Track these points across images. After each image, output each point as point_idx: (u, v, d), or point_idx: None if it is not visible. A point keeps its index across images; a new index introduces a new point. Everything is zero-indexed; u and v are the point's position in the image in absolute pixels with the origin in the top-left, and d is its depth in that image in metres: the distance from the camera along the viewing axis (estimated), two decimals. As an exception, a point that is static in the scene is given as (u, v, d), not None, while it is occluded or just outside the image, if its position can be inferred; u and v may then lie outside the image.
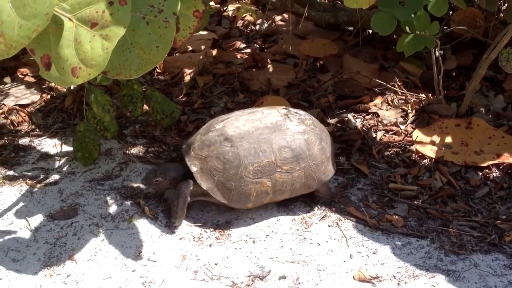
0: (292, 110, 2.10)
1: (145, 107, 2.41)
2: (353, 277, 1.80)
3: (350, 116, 2.49)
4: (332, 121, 2.48)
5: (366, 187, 2.17)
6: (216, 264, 1.85)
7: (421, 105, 2.54)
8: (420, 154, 2.30)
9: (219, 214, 2.04)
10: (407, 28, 2.24)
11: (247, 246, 1.92)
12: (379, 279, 1.79)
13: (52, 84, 2.72)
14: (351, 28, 3.08)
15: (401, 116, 2.52)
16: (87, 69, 1.47)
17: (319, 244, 1.93)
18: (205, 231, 1.98)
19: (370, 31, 3.01)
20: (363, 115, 2.53)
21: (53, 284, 1.75)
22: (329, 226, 2.00)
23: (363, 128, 2.44)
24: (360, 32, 2.89)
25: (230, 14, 3.38)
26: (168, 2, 1.62)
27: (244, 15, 3.35)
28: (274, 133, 1.98)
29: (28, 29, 1.29)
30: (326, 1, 3.31)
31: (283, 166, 1.96)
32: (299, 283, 1.78)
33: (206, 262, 1.85)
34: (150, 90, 2.38)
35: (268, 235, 1.97)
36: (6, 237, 1.91)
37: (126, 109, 2.40)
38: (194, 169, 1.97)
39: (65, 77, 1.47)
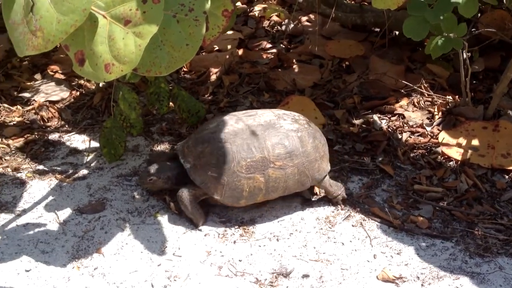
0: (286, 111, 2.12)
1: (171, 105, 2.44)
2: (377, 277, 1.80)
3: (375, 117, 2.49)
4: (357, 121, 2.48)
5: (390, 188, 2.17)
6: (240, 261, 1.87)
7: (448, 107, 2.52)
8: (446, 156, 2.29)
9: (244, 211, 2.06)
10: (434, 30, 2.24)
11: (271, 244, 1.94)
12: (402, 279, 1.79)
13: (81, 81, 2.77)
14: (377, 30, 3.07)
15: (427, 118, 2.51)
16: (120, 66, 1.50)
17: (343, 244, 1.94)
18: (229, 228, 2.00)
19: (397, 33, 3.00)
20: (388, 116, 2.52)
21: (81, 276, 1.79)
22: (353, 226, 2.01)
23: (389, 129, 2.44)
24: (387, 33, 2.88)
25: (257, 14, 3.40)
26: (198, 1, 1.64)
27: (270, 15, 3.37)
28: (268, 130, 1.99)
29: (66, 24, 1.32)
30: (353, 2, 3.32)
31: (276, 162, 1.96)
32: (322, 282, 1.79)
33: (230, 259, 1.87)
34: (177, 88, 2.41)
35: (292, 234, 1.98)
36: (36, 230, 1.95)
37: (153, 107, 2.44)
38: (187, 165, 1.98)
39: (98, 73, 1.50)
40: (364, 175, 2.23)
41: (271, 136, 1.98)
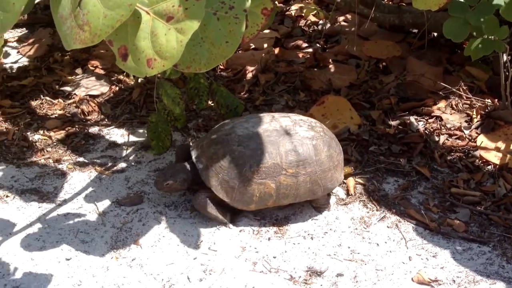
0: (304, 117, 2.09)
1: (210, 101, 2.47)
2: (412, 279, 1.79)
3: (412, 118, 2.47)
4: (393, 123, 2.47)
5: (427, 190, 2.15)
6: (274, 257, 1.88)
7: (487, 110, 2.49)
8: (484, 160, 2.26)
9: (278, 209, 2.07)
10: (474, 32, 2.21)
11: (305, 242, 1.95)
12: (438, 282, 1.78)
13: (121, 77, 2.83)
14: (415, 31, 3.05)
15: (465, 121, 2.48)
16: (161, 61, 1.52)
17: (377, 244, 1.93)
18: (263, 225, 2.02)
19: (435, 34, 2.97)
20: (425, 118, 2.50)
21: (119, 266, 1.83)
22: (388, 227, 2.00)
23: (426, 131, 2.42)
24: (426, 34, 2.86)
25: (293, 14, 3.41)
26: (239, -1, 1.66)
27: (308, 15, 3.37)
28: (282, 136, 1.96)
29: (112, 18, 1.35)
30: (391, 2, 3.29)
31: (288, 169, 1.94)
32: (356, 282, 1.79)
33: (264, 255, 1.89)
34: (216, 84, 2.44)
35: (326, 233, 1.98)
36: (76, 220, 2.00)
37: (192, 102, 2.47)
38: (200, 166, 1.97)
39: (141, 67, 1.53)
40: (400, 176, 2.22)
41: (286, 142, 1.95)
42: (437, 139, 2.38)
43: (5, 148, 2.35)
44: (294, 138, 1.97)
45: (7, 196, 2.09)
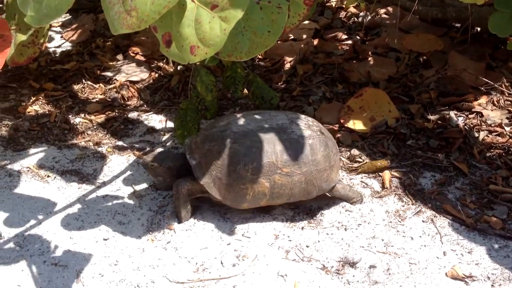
0: (301, 115, 2.05)
1: (246, 91, 2.48)
2: (446, 273, 1.78)
3: (452, 113, 2.44)
4: (432, 117, 2.44)
5: (464, 186, 2.13)
6: (307, 247, 1.89)
7: (529, 107, 2.44)
8: (525, 158, 2.22)
9: (312, 198, 2.08)
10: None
11: (339, 233, 1.95)
12: (472, 278, 1.76)
13: (160, 64, 2.87)
14: (458, 25, 2.99)
15: (507, 118, 2.43)
16: (204, 48, 1.54)
17: (412, 238, 1.92)
18: (297, 214, 2.03)
19: (479, 29, 2.91)
20: (466, 113, 2.46)
21: (155, 248, 1.87)
22: (423, 221, 1.99)
23: (465, 127, 2.38)
24: (469, 29, 2.80)
25: (333, 5, 3.39)
26: (282, -12, 1.66)
27: (348, 6, 3.35)
28: (279, 135, 1.92)
29: (160, 5, 1.38)
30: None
31: (283, 168, 1.90)
32: (389, 274, 1.79)
33: (297, 244, 1.90)
34: (253, 75, 2.45)
35: (360, 224, 1.98)
36: (114, 201, 2.05)
37: (228, 91, 2.49)
38: (193, 162, 1.93)
39: (184, 54, 1.55)
40: (437, 171, 2.20)
41: (281, 141, 1.91)
42: (476, 135, 2.34)
43: (47, 130, 2.41)
44: (290, 137, 1.93)
45: (48, 176, 2.15)
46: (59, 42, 3.08)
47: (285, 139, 1.92)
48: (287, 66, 2.90)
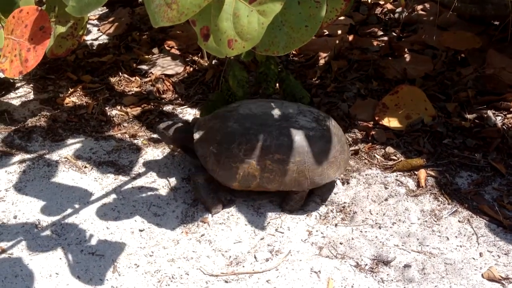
0: (314, 110, 2.04)
1: (278, 87, 2.48)
2: (482, 275, 1.75)
3: (490, 113, 2.39)
4: (470, 116, 2.40)
5: (502, 187, 2.09)
6: (341, 243, 1.88)
7: None
8: None
9: (346, 196, 2.07)
10: None
11: (373, 231, 1.93)
12: (509, 280, 1.73)
13: (195, 58, 2.88)
14: (497, 23, 2.93)
15: (547, 118, 2.38)
16: (242, 42, 1.54)
17: (447, 238, 1.90)
18: (331, 211, 2.02)
19: (519, 27, 2.85)
20: (504, 113, 2.41)
21: (189, 240, 1.89)
22: (459, 221, 1.96)
23: (503, 126, 2.34)
24: (510, 27, 2.74)
25: (369, 1, 3.35)
26: (321, -17, 1.65)
27: (382, 2, 3.31)
28: (280, 122, 1.94)
29: (200, -2, 1.38)
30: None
31: (276, 153, 1.90)
32: (424, 274, 1.77)
33: (331, 240, 1.89)
34: (285, 73, 2.44)
35: (395, 223, 1.96)
36: (149, 193, 2.07)
37: (260, 86, 2.49)
38: (196, 136, 2.00)
39: (221, 48, 1.56)
40: (473, 171, 2.16)
41: (281, 128, 1.92)
42: (515, 135, 2.30)
43: (85, 121, 2.45)
44: (291, 126, 1.93)
45: (85, 167, 2.19)
46: (96, 35, 3.13)
47: (285, 127, 1.93)
48: (322, 61, 2.88)
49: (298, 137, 1.92)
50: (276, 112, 1.98)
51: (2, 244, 1.83)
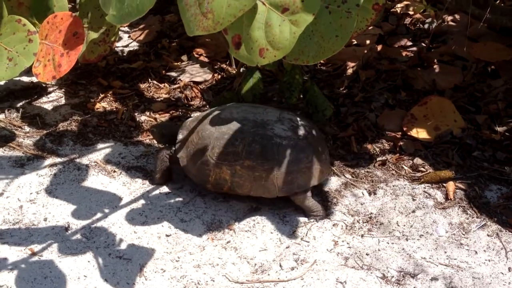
0: (295, 118, 2.07)
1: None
2: (511, 291, 1.73)
3: (521, 125, 2.36)
4: (500, 129, 2.37)
5: (532, 201, 2.06)
6: (367, 255, 1.87)
7: None
8: None
9: (373, 206, 2.06)
10: None
11: (400, 242, 1.92)
12: (540, 298, 1.70)
13: (223, 65, 2.90)
14: (529, 34, 2.90)
15: None
16: (273, 51, 1.55)
17: (476, 252, 1.87)
18: (357, 221, 2.01)
19: (552, 39, 2.80)
20: (535, 126, 2.38)
21: (215, 247, 1.90)
22: (488, 235, 1.93)
23: (535, 140, 2.30)
24: (542, 38, 2.71)
25: (399, 11, 3.34)
26: (353, -6, 1.65)
27: (412, 13, 3.30)
28: (255, 128, 1.98)
29: (235, 8, 1.40)
30: (502, 4, 3.14)
31: (246, 160, 1.94)
32: (451, 287, 1.75)
33: (357, 251, 1.88)
34: (310, 83, 2.44)
35: (422, 235, 1.95)
36: (176, 199, 2.09)
37: (283, 95, 2.50)
38: (179, 137, 2.10)
39: (253, 56, 1.57)
40: (503, 185, 2.13)
41: (255, 135, 1.96)
42: (547, 149, 2.26)
43: (114, 127, 2.49)
44: (265, 133, 1.97)
45: (114, 172, 2.22)
46: (127, 42, 3.17)
47: (259, 134, 1.97)
48: (349, 71, 2.88)
49: (270, 145, 1.96)
50: (255, 118, 2.02)
51: (32, 246, 1.87)
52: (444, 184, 2.14)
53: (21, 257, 1.83)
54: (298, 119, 2.09)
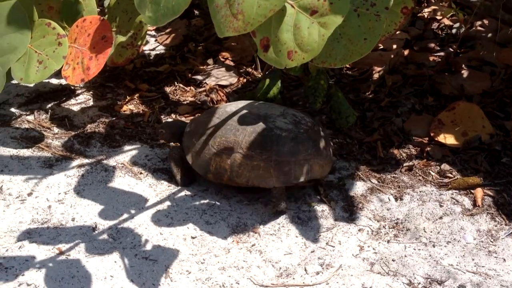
0: (300, 114, 2.11)
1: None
2: (542, 300, 1.69)
3: (551, 132, 2.32)
4: (530, 135, 2.33)
5: None
6: (393, 261, 1.85)
7: None
8: None
9: (399, 212, 2.04)
10: None
11: (426, 249, 1.90)
12: None
13: (249, 69, 2.91)
14: (560, 40, 2.85)
15: None
16: (302, 54, 1.55)
17: (504, 260, 1.84)
18: (383, 226, 2.00)
19: None
20: None
21: (240, 250, 1.90)
22: (517, 243, 1.90)
23: None
24: None
25: (426, 16, 3.31)
26: (383, -3, 1.64)
27: (439, 17, 3.27)
28: (257, 120, 2.03)
29: (266, 8, 1.40)
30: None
31: (245, 149, 1.98)
32: (479, 295, 1.72)
33: (383, 257, 1.87)
34: (335, 89, 2.43)
35: (449, 242, 1.92)
36: (202, 201, 2.10)
37: (307, 100, 2.49)
38: (187, 129, 2.16)
39: (281, 59, 1.57)
40: (533, 191, 2.10)
41: (256, 126, 2.01)
42: None
43: (141, 129, 2.51)
44: (266, 125, 2.01)
45: (140, 173, 2.24)
46: (153, 45, 3.20)
47: (260, 125, 2.02)
48: (376, 76, 2.86)
49: (270, 135, 1.99)
50: (259, 112, 2.07)
51: (60, 245, 1.89)
52: (472, 191, 2.11)
53: (49, 256, 1.85)
54: (303, 115, 2.12)
